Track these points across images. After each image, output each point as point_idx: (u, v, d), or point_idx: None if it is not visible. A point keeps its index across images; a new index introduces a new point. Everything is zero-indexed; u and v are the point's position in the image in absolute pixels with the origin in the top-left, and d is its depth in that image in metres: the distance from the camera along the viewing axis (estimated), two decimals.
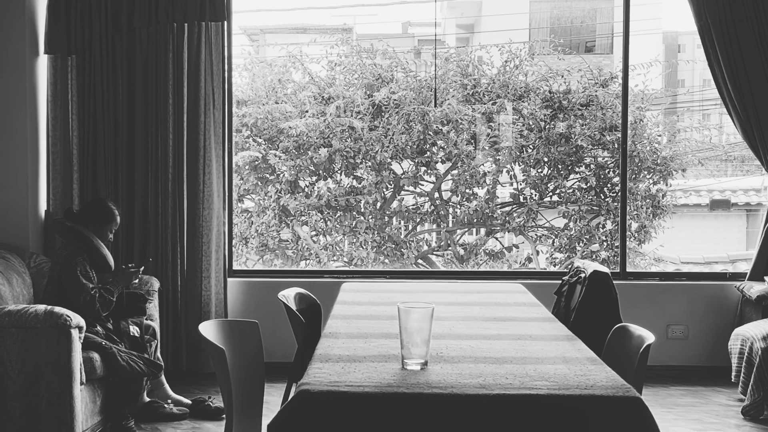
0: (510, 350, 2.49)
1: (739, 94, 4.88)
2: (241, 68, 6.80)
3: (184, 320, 4.98)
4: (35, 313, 3.52)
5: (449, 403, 2.00)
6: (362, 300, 3.47)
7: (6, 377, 3.52)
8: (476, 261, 6.68)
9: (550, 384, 2.10)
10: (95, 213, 4.11)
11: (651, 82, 6.79)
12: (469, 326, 2.90)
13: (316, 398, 2.01)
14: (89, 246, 3.99)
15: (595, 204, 6.51)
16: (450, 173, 6.68)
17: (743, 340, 4.45)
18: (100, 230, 4.08)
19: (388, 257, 6.57)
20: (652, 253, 6.83)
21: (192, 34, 4.91)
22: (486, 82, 6.62)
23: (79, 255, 3.94)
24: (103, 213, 4.10)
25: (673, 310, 5.18)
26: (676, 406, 4.52)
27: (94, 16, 4.87)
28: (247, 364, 2.68)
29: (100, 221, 4.08)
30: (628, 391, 2.05)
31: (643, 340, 2.47)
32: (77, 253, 3.94)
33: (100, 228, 4.08)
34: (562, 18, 8.80)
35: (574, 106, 6.48)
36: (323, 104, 6.55)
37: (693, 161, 7.27)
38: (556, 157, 6.45)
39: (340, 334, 2.72)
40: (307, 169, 6.55)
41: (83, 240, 3.99)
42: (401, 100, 6.44)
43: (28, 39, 4.83)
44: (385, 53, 6.74)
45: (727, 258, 7.29)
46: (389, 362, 2.30)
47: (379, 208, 6.65)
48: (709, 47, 4.94)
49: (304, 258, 6.68)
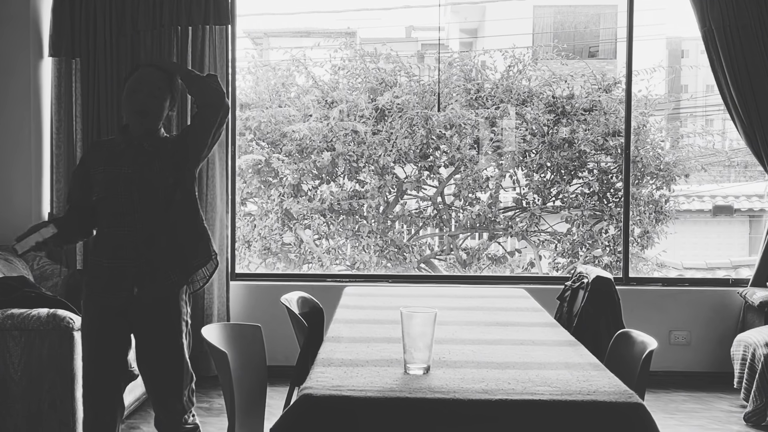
0: (512, 355, 2.49)
1: (742, 100, 4.88)
2: (244, 72, 6.81)
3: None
4: (38, 315, 3.52)
5: (451, 408, 2.00)
6: (365, 304, 3.47)
7: (8, 379, 3.52)
8: (479, 265, 6.68)
9: (552, 389, 2.09)
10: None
11: (654, 88, 6.78)
12: (471, 331, 2.90)
13: (318, 402, 2.01)
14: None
15: (598, 209, 6.51)
16: (453, 177, 6.68)
17: (746, 347, 4.44)
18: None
19: (391, 261, 6.57)
20: (654, 258, 6.82)
21: (196, 38, 4.93)
22: (489, 87, 6.62)
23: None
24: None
25: (675, 316, 5.17)
26: (678, 412, 4.51)
27: (99, 19, 4.88)
28: (250, 367, 2.68)
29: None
30: (631, 396, 2.05)
31: (646, 346, 2.47)
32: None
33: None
34: (565, 23, 8.80)
35: (578, 111, 6.48)
36: (326, 108, 6.56)
37: (696, 167, 7.27)
38: (559, 162, 6.45)
39: (343, 338, 2.72)
40: (310, 173, 6.56)
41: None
42: (404, 104, 6.45)
43: (33, 41, 4.84)
44: (389, 57, 6.75)
45: (729, 264, 7.29)
46: (392, 367, 2.30)
47: (382, 212, 6.65)
48: (713, 53, 4.94)
49: (306, 262, 6.68)
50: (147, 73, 2.87)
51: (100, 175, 2.85)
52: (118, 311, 2.85)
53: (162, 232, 2.83)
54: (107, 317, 2.86)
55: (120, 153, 2.86)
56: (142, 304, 2.82)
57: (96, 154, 2.92)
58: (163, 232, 2.83)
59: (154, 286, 2.82)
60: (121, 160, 2.84)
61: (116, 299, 2.83)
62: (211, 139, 2.87)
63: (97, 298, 2.86)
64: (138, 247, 2.81)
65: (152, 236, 2.82)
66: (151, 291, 2.82)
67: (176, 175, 2.84)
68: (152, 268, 2.83)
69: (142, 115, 2.82)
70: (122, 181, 2.81)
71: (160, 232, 2.83)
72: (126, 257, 2.81)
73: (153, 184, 2.80)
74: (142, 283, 2.81)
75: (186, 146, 2.87)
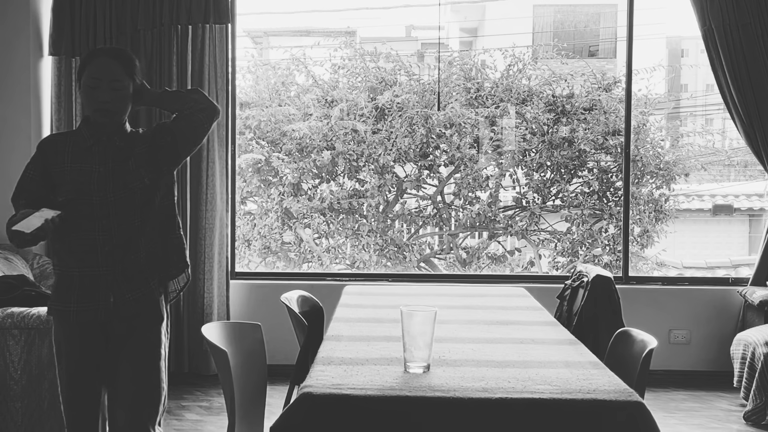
0: (512, 354, 2.49)
1: (742, 99, 4.88)
2: (244, 71, 6.81)
3: (187, 322, 4.99)
4: (38, 314, 3.53)
5: (451, 407, 2.00)
6: (365, 303, 3.47)
7: (9, 378, 3.52)
8: (478, 264, 6.68)
9: (552, 388, 2.10)
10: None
11: (654, 87, 6.78)
12: (471, 330, 2.90)
13: (318, 401, 2.01)
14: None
15: (598, 208, 6.51)
16: (453, 177, 6.68)
17: (745, 345, 4.45)
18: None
19: (391, 260, 6.57)
20: (654, 257, 6.82)
21: (196, 37, 4.93)
22: (489, 86, 6.62)
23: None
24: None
25: (675, 315, 5.17)
26: (678, 411, 4.51)
27: (99, 18, 4.88)
28: (250, 366, 2.68)
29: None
30: (631, 395, 2.05)
31: (646, 345, 2.47)
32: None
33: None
34: (565, 22, 8.80)
35: (577, 110, 6.48)
36: (326, 107, 6.56)
37: (696, 166, 7.27)
38: (558, 161, 6.45)
39: (343, 336, 2.72)
40: (310, 172, 6.56)
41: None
42: (404, 104, 6.45)
43: (33, 40, 4.84)
44: (389, 56, 6.75)
45: (729, 263, 7.29)
46: (392, 365, 2.30)
47: (382, 211, 6.65)
48: (713, 52, 4.94)
49: (306, 261, 6.68)
50: (102, 65, 2.57)
51: (67, 174, 2.57)
52: (96, 326, 2.61)
53: (140, 237, 2.61)
54: (85, 336, 2.61)
55: (88, 150, 2.60)
56: (121, 317, 2.60)
57: (55, 150, 2.62)
58: (140, 236, 2.61)
59: (132, 294, 2.61)
60: (91, 157, 2.59)
61: (94, 313, 2.59)
62: (200, 143, 2.73)
63: (71, 314, 2.59)
64: (114, 252, 2.57)
65: (129, 241, 2.59)
66: (129, 299, 2.61)
67: (152, 175, 2.62)
68: (129, 275, 2.61)
69: (106, 114, 2.57)
70: (95, 181, 2.57)
71: (137, 236, 2.60)
72: (100, 264, 2.57)
73: (128, 185, 2.58)
74: (119, 291, 2.59)
75: (163, 147, 2.65)
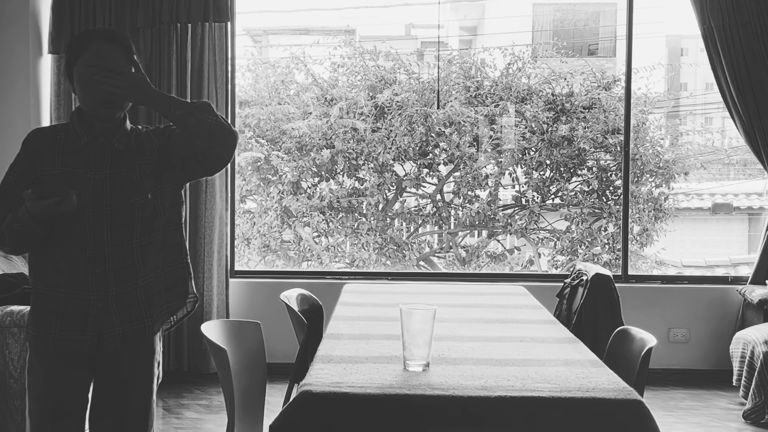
0: (511, 352, 2.49)
1: (741, 98, 4.88)
2: (244, 69, 6.81)
3: (186, 320, 4.98)
4: None
5: (451, 405, 2.00)
6: (364, 301, 3.48)
7: (8, 376, 3.53)
8: (478, 263, 6.68)
9: (551, 386, 2.10)
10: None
11: (654, 86, 6.79)
12: (470, 328, 2.90)
13: (317, 399, 2.02)
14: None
15: (597, 207, 6.51)
16: (452, 175, 6.68)
17: (744, 344, 4.45)
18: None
19: (390, 259, 6.57)
20: (653, 256, 6.82)
21: (195, 35, 4.92)
22: (489, 85, 6.62)
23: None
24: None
25: (674, 314, 5.17)
26: (677, 410, 4.52)
27: (98, 16, 4.88)
28: (249, 364, 2.68)
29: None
30: (630, 393, 2.05)
31: (645, 343, 2.47)
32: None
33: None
34: (565, 21, 8.79)
35: (577, 109, 6.48)
36: (326, 106, 6.56)
37: (695, 164, 7.27)
38: (558, 160, 6.45)
39: (342, 335, 2.72)
40: (310, 171, 6.56)
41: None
42: (404, 102, 6.45)
43: (32, 38, 4.84)
44: (388, 55, 6.75)
45: (728, 262, 7.29)
46: (391, 363, 2.30)
47: (381, 210, 6.65)
48: (713, 51, 4.94)
49: (306, 259, 6.69)
50: (104, 50, 2.19)
51: (57, 177, 2.19)
52: (81, 359, 2.23)
53: (138, 263, 2.24)
54: (67, 369, 2.23)
55: (81, 150, 2.22)
56: (108, 351, 2.24)
57: (43, 146, 2.25)
58: (140, 262, 2.24)
59: (123, 327, 2.24)
60: (85, 159, 2.21)
61: (78, 344, 2.21)
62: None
63: (50, 341, 2.21)
64: (106, 275, 2.20)
65: (126, 267, 2.22)
66: (119, 334, 2.23)
67: (156, 190, 2.25)
68: (122, 305, 2.23)
69: (111, 107, 2.21)
70: (89, 189, 2.18)
71: (136, 262, 2.23)
72: (90, 289, 2.19)
73: (128, 198, 2.21)
74: (109, 323, 2.22)
75: (175, 164, 2.27)
